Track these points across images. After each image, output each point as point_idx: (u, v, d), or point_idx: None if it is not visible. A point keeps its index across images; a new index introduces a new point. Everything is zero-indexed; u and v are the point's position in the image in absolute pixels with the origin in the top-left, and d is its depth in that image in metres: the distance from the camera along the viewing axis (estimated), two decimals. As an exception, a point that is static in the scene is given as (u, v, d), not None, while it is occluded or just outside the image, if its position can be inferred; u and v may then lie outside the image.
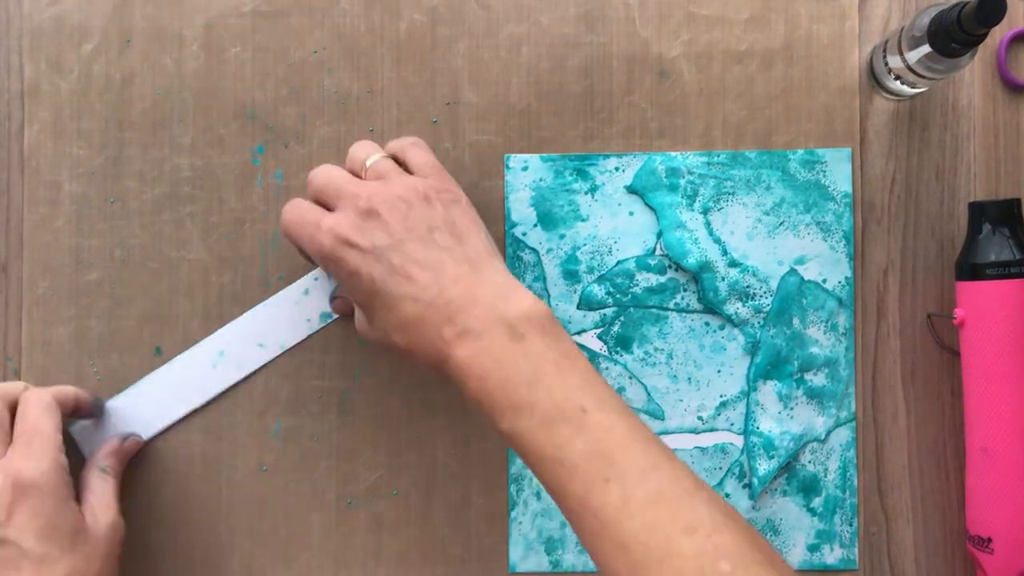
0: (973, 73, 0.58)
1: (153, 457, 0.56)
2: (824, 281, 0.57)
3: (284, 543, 0.57)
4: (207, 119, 0.57)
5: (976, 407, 0.54)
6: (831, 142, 0.57)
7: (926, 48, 0.50)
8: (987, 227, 0.54)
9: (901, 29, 0.52)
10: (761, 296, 0.57)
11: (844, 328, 0.57)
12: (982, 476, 0.54)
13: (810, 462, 0.57)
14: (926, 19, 0.50)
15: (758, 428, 0.56)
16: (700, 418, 0.57)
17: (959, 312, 0.54)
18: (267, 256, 0.57)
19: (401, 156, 0.51)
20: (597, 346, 0.57)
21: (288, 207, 0.50)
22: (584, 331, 0.57)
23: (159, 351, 0.57)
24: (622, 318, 0.57)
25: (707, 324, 0.57)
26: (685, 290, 0.57)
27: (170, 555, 0.56)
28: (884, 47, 0.54)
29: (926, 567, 0.57)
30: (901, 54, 0.52)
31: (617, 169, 0.57)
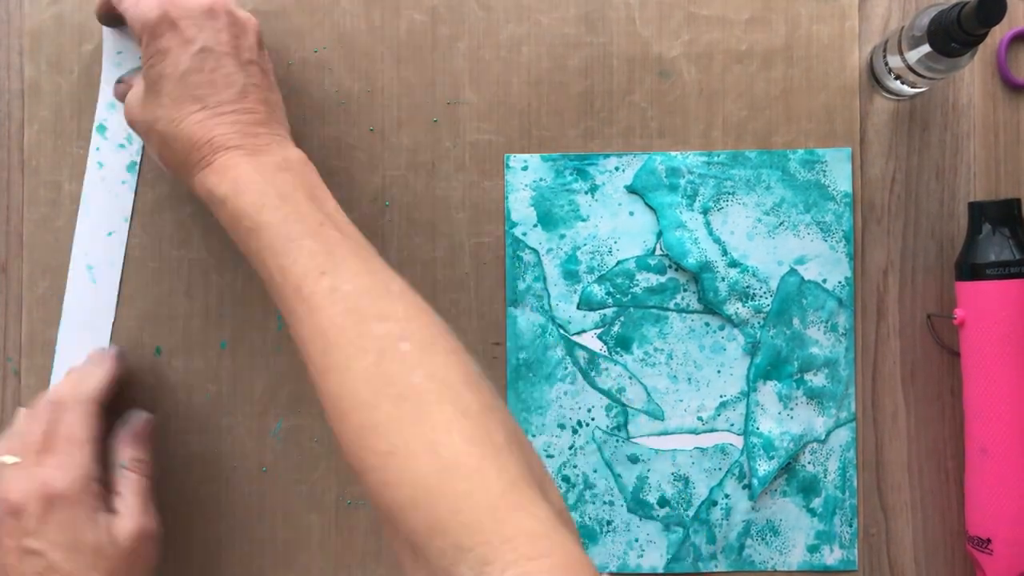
0: (973, 73, 0.58)
1: (153, 457, 0.56)
2: (824, 281, 0.57)
3: (284, 543, 0.57)
4: (207, 119, 0.57)
5: (976, 407, 0.54)
6: (831, 142, 0.57)
7: (926, 48, 0.50)
8: (987, 227, 0.54)
9: (901, 29, 0.52)
10: (761, 296, 0.57)
11: (844, 328, 0.57)
12: (982, 476, 0.54)
13: (810, 463, 0.57)
14: (926, 19, 0.50)
15: (758, 429, 0.56)
16: (700, 418, 0.57)
17: (959, 312, 0.54)
18: (267, 256, 0.57)
19: None
20: (597, 346, 0.57)
21: None
22: (584, 331, 0.57)
23: (159, 351, 0.57)
24: (622, 318, 0.57)
25: (707, 324, 0.57)
26: (685, 290, 0.57)
27: (170, 555, 0.56)
28: (884, 47, 0.55)
29: (926, 567, 0.57)
30: (901, 54, 0.52)
31: (617, 169, 0.57)
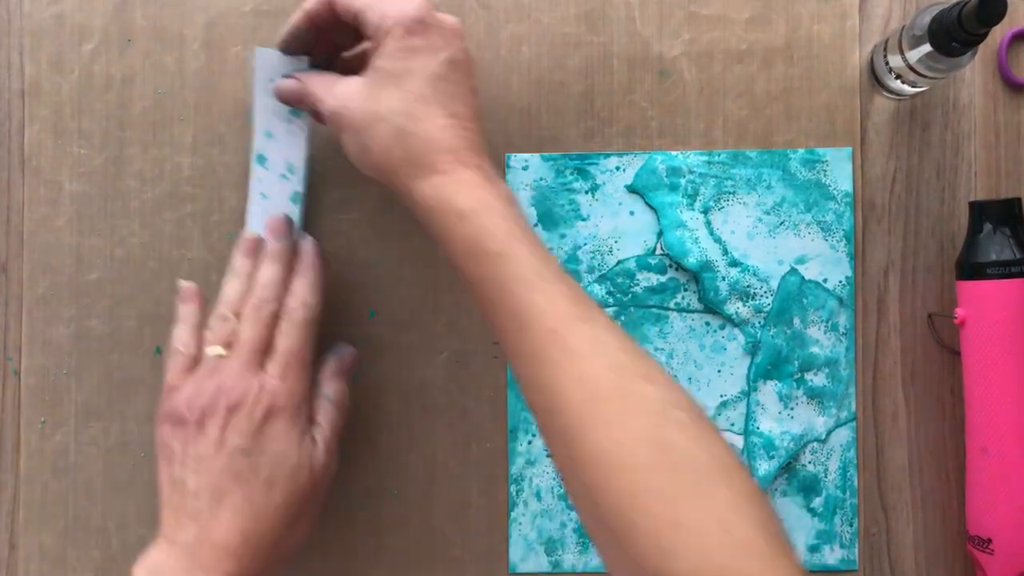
0: (974, 72, 0.57)
1: (153, 457, 0.56)
2: (825, 281, 0.57)
3: (284, 543, 0.57)
4: (208, 118, 0.57)
5: (976, 407, 0.54)
6: (831, 142, 0.57)
7: (927, 47, 0.50)
8: (988, 226, 0.54)
9: (902, 28, 0.52)
10: (761, 296, 0.57)
11: (845, 328, 0.57)
12: (982, 476, 0.54)
13: (810, 462, 0.57)
14: (927, 18, 0.50)
15: (758, 428, 0.56)
16: None
17: (960, 312, 0.54)
18: (267, 256, 0.57)
19: None
20: None
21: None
22: None
23: (159, 351, 0.57)
24: (623, 318, 0.57)
25: (707, 324, 0.57)
26: (685, 290, 0.57)
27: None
28: (885, 46, 0.54)
29: (926, 567, 0.57)
30: (902, 53, 0.52)
31: (618, 168, 0.57)
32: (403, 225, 0.57)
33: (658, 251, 0.57)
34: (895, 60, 0.53)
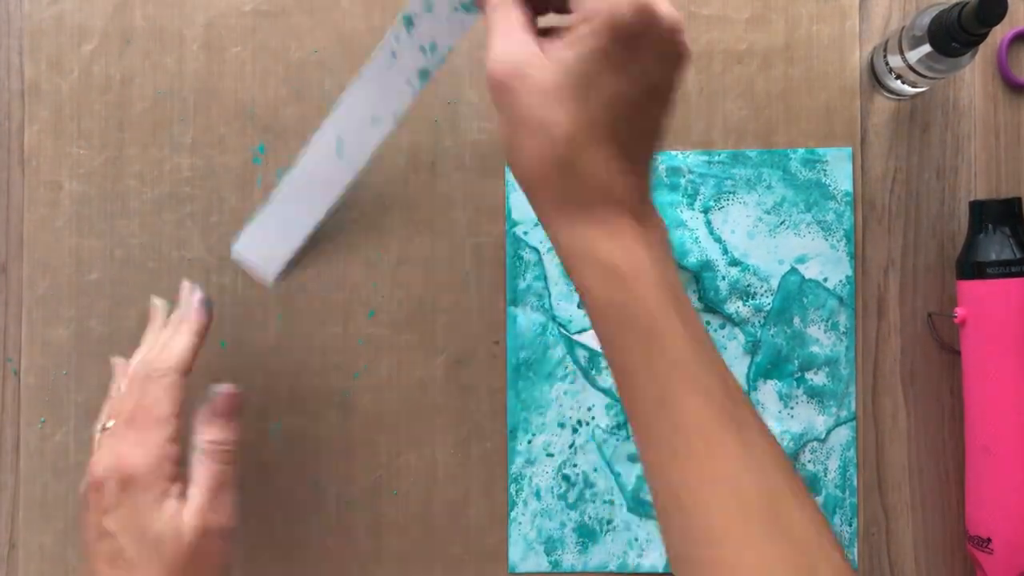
0: (974, 72, 0.57)
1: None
2: (825, 280, 0.57)
3: (284, 543, 0.57)
4: (207, 119, 0.57)
5: (976, 407, 0.54)
6: (831, 142, 0.57)
7: (927, 48, 0.50)
8: (988, 226, 0.54)
9: (902, 29, 0.52)
10: (762, 295, 0.57)
11: (845, 327, 0.57)
12: (982, 476, 0.54)
13: (810, 461, 0.57)
14: (927, 19, 0.50)
15: (758, 428, 0.56)
16: None
17: (960, 311, 0.54)
18: (267, 256, 0.57)
19: None
20: (598, 345, 0.57)
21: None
22: (585, 330, 0.57)
23: (159, 351, 0.57)
24: None
25: (708, 323, 0.57)
26: (686, 289, 0.57)
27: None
28: (885, 47, 0.54)
29: (926, 567, 0.57)
30: (902, 53, 0.52)
31: None
32: (403, 225, 0.57)
33: None
34: (895, 60, 0.53)
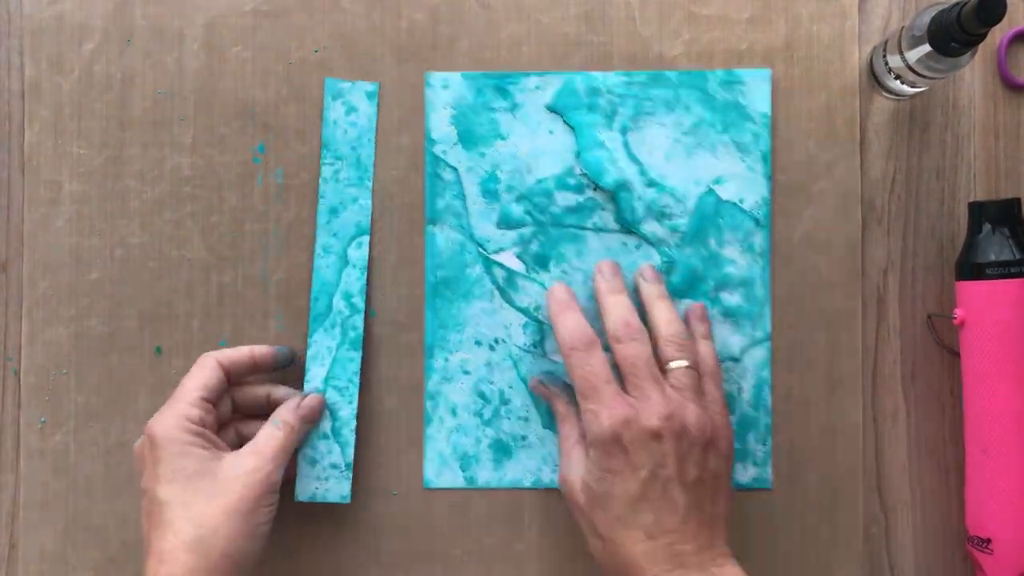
0: (973, 72, 0.57)
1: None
2: (741, 201, 0.57)
3: (283, 543, 0.57)
4: (208, 118, 0.57)
5: (976, 407, 0.54)
6: (831, 141, 0.57)
7: (926, 47, 0.50)
8: (987, 227, 0.54)
9: (901, 29, 0.52)
10: (678, 216, 0.57)
11: (760, 248, 0.57)
12: (982, 476, 0.54)
13: (725, 381, 0.56)
14: (926, 18, 0.50)
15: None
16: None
17: (959, 312, 0.54)
18: (267, 255, 0.57)
19: (692, 357, 0.51)
20: (516, 264, 0.57)
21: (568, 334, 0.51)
22: (503, 249, 0.57)
23: (159, 351, 0.57)
24: (540, 237, 0.57)
25: (624, 244, 0.57)
26: (603, 210, 0.57)
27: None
28: (884, 47, 0.54)
29: (926, 567, 0.57)
30: (901, 53, 0.52)
31: (537, 88, 0.57)
32: (403, 226, 0.57)
33: (576, 171, 0.57)
34: (895, 60, 0.53)
